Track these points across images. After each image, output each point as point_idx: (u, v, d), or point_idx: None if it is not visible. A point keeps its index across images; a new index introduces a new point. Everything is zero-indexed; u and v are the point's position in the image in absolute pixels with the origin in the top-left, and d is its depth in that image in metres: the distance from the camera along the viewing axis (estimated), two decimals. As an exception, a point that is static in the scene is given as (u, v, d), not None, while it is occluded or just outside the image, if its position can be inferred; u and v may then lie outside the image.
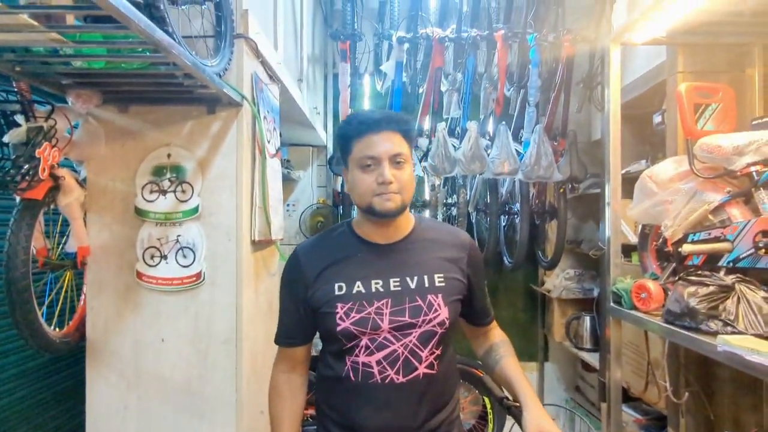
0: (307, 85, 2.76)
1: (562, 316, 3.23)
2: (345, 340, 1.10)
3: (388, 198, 1.08)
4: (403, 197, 1.11)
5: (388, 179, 1.07)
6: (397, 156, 1.09)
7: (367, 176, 1.09)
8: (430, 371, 1.12)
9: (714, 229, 1.53)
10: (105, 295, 1.51)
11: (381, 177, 1.07)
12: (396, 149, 1.09)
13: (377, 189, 1.08)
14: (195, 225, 1.49)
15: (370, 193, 1.09)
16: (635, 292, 1.69)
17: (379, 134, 1.09)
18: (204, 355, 1.50)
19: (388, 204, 1.09)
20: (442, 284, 1.14)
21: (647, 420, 2.24)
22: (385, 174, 1.07)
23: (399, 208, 1.11)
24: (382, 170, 1.08)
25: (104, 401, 1.50)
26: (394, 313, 1.10)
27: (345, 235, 1.19)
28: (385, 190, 1.08)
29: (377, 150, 1.08)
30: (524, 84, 2.59)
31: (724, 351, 1.20)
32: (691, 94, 1.63)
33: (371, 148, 1.09)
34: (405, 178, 1.11)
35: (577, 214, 3.41)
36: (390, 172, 1.08)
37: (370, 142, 1.09)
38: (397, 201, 1.09)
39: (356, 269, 1.13)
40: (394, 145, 1.09)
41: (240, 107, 1.50)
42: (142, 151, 1.51)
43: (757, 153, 1.44)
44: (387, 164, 1.08)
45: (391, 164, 1.09)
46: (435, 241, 1.20)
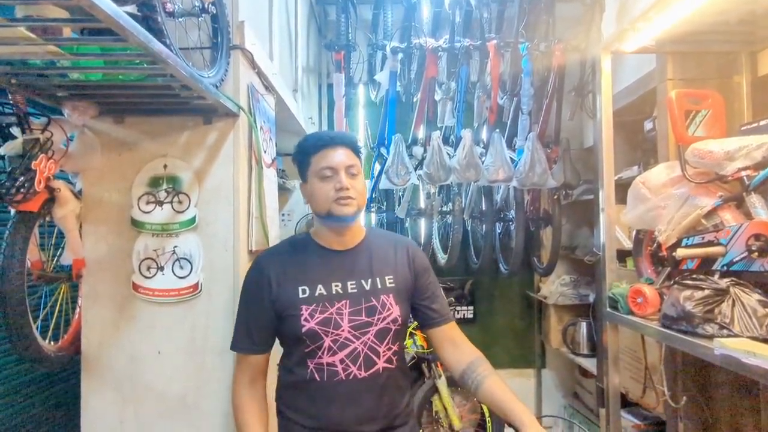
0: (302, 95, 2.77)
1: (558, 322, 3.24)
2: (309, 341, 1.19)
3: (346, 203, 1.21)
4: (358, 203, 1.24)
5: (346, 185, 1.21)
6: (351, 167, 1.24)
7: (325, 185, 1.22)
8: (389, 365, 1.24)
9: (707, 233, 1.55)
10: (100, 307, 1.49)
11: (339, 184, 1.21)
12: (350, 161, 1.24)
13: (335, 195, 1.21)
14: (192, 236, 1.49)
15: (329, 199, 1.21)
16: (631, 297, 1.70)
17: (334, 148, 1.24)
18: (200, 367, 1.48)
19: (346, 209, 1.21)
20: (393, 285, 1.27)
21: (646, 425, 2.25)
22: (342, 181, 1.21)
23: (355, 213, 1.24)
24: (340, 178, 1.21)
25: (100, 415, 1.48)
26: (352, 312, 1.21)
27: (304, 243, 1.31)
28: (343, 195, 1.21)
29: (334, 161, 1.22)
30: (517, 92, 2.61)
31: (721, 354, 1.21)
32: (681, 101, 1.65)
33: (328, 160, 1.22)
34: (359, 186, 1.25)
35: (571, 220, 3.43)
36: (346, 180, 1.21)
37: (326, 155, 1.23)
38: (353, 206, 1.22)
39: (317, 273, 1.24)
40: (347, 157, 1.24)
41: (236, 117, 1.51)
42: (138, 162, 1.51)
43: (748, 158, 1.47)
44: (343, 173, 1.22)
45: (346, 174, 1.22)
46: (384, 247, 1.33)
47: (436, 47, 2.57)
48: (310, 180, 1.26)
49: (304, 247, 1.30)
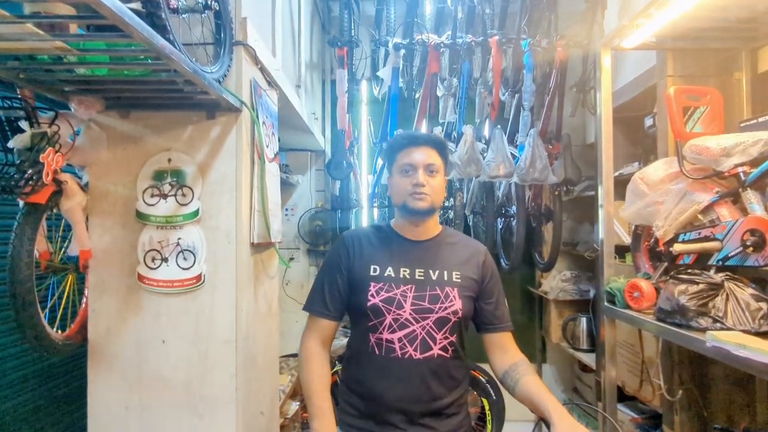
0: (305, 91, 2.79)
1: (558, 317, 3.26)
2: (372, 316, 1.29)
3: (420, 198, 1.31)
4: (433, 199, 1.33)
5: (421, 182, 1.31)
6: (431, 165, 1.33)
7: (404, 179, 1.34)
8: (444, 354, 1.30)
9: (704, 228, 1.57)
10: (107, 297, 1.53)
11: (415, 180, 1.31)
12: (430, 160, 1.33)
13: (411, 190, 1.32)
14: (195, 228, 1.52)
15: (405, 193, 1.33)
16: (628, 291, 1.72)
17: (418, 148, 1.34)
18: (204, 355, 1.52)
19: (419, 203, 1.32)
20: (459, 280, 1.34)
21: (643, 419, 2.26)
22: (419, 178, 1.31)
23: (429, 208, 1.33)
24: (417, 175, 1.32)
25: (106, 402, 1.52)
26: (416, 297, 1.29)
27: (384, 230, 1.43)
28: (418, 191, 1.31)
29: (414, 159, 1.33)
30: (519, 88, 2.63)
31: (713, 346, 1.23)
32: (680, 97, 1.67)
33: (410, 157, 1.34)
34: (435, 184, 1.34)
35: (572, 216, 3.44)
36: (423, 178, 1.31)
37: (409, 152, 1.34)
38: (427, 201, 1.32)
39: (389, 257, 1.35)
40: (428, 156, 1.33)
41: (239, 112, 1.53)
42: (143, 155, 1.54)
43: (744, 154, 1.48)
44: (421, 171, 1.32)
45: (425, 172, 1.32)
46: (456, 245, 1.41)
47: (438, 43, 2.59)
48: (394, 174, 1.37)
49: (383, 232, 1.42)
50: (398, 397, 1.27)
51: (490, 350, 1.38)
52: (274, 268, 1.96)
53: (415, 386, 1.27)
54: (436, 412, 1.29)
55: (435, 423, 1.29)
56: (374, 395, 1.29)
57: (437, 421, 1.29)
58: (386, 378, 1.28)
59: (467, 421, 1.37)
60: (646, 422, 2.23)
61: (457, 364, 1.34)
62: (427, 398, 1.27)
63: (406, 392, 1.26)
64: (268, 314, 1.87)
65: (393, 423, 1.27)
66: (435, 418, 1.29)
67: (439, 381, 1.29)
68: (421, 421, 1.27)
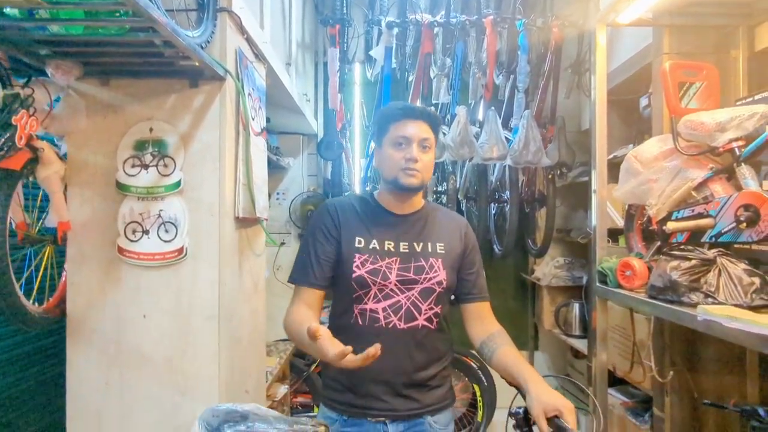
0: (296, 71, 2.74)
1: (551, 303, 3.25)
2: (357, 287, 1.27)
3: (411, 174, 1.27)
4: (423, 176, 1.30)
5: (415, 157, 1.27)
6: (425, 140, 1.29)
7: (397, 153, 1.29)
8: (429, 324, 1.29)
9: (697, 205, 1.54)
10: (86, 270, 1.49)
11: (409, 154, 1.27)
12: (425, 134, 1.29)
13: (404, 164, 1.27)
14: (177, 200, 1.48)
15: (397, 167, 1.28)
16: (620, 270, 1.69)
17: (414, 121, 1.29)
18: (186, 331, 1.48)
19: (411, 180, 1.28)
20: (442, 252, 1.33)
21: (634, 403, 2.25)
22: (413, 152, 1.27)
23: (419, 185, 1.30)
24: (411, 150, 1.27)
25: (85, 377, 1.48)
26: (401, 269, 1.28)
27: (367, 201, 1.39)
28: (411, 167, 1.27)
29: (410, 132, 1.28)
30: (513, 69, 2.59)
31: (703, 320, 1.20)
32: (675, 72, 1.63)
33: (405, 129, 1.28)
34: (427, 160, 1.30)
35: (566, 203, 3.42)
36: (417, 153, 1.27)
37: (405, 125, 1.29)
38: (418, 178, 1.29)
39: (374, 229, 1.32)
40: (423, 131, 1.29)
41: (223, 81, 1.49)
42: (124, 124, 1.49)
43: (739, 128, 1.45)
44: (416, 146, 1.28)
45: (418, 146, 1.28)
46: (440, 219, 1.40)
47: (432, 22, 2.54)
48: (385, 146, 1.32)
49: (367, 205, 1.38)
50: (381, 368, 1.23)
51: (468, 320, 1.37)
52: (260, 245, 1.92)
53: (399, 357, 1.25)
54: (420, 383, 1.27)
55: (418, 395, 1.27)
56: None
57: (420, 392, 1.27)
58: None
59: (450, 394, 1.35)
60: (637, 406, 2.22)
61: (442, 336, 1.33)
62: (410, 369, 1.26)
63: (389, 363, 1.23)
64: (254, 292, 1.84)
65: (375, 395, 1.25)
66: (418, 389, 1.27)
67: (423, 352, 1.28)
68: (404, 392, 1.25)
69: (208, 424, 1.09)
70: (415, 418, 1.27)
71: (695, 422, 1.86)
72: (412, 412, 1.26)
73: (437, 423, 1.29)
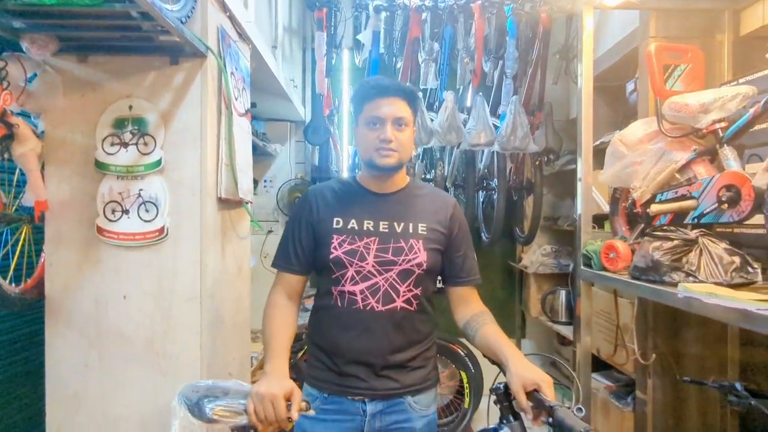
0: (283, 55, 2.71)
1: (538, 291, 3.26)
2: (335, 269, 1.25)
3: (386, 154, 1.24)
4: (400, 155, 1.26)
5: (388, 138, 1.23)
6: (400, 119, 1.25)
7: (371, 133, 1.25)
8: (408, 306, 1.27)
9: (680, 187, 1.55)
10: (64, 250, 1.46)
11: (383, 135, 1.23)
12: (399, 113, 1.25)
13: (378, 145, 1.24)
14: (158, 179, 1.45)
15: (372, 148, 1.25)
16: (604, 253, 1.70)
17: (387, 99, 1.25)
18: (167, 312, 1.46)
19: (386, 160, 1.25)
20: (424, 233, 1.29)
21: (617, 386, 2.27)
22: (386, 132, 1.23)
23: (395, 164, 1.27)
24: (385, 130, 1.23)
25: (64, 358, 1.46)
26: (379, 250, 1.25)
27: (348, 183, 1.38)
28: (385, 147, 1.24)
29: (382, 111, 1.24)
30: (501, 55, 2.57)
31: (684, 297, 1.21)
32: (660, 54, 1.63)
33: (377, 109, 1.24)
34: (403, 139, 1.26)
35: (554, 191, 3.43)
36: (391, 132, 1.23)
37: (378, 104, 1.25)
38: (395, 157, 1.25)
39: (352, 210, 1.30)
40: (397, 109, 1.25)
41: (204, 59, 1.46)
42: (102, 102, 1.46)
43: (723, 110, 1.45)
44: (389, 125, 1.24)
45: (393, 126, 1.24)
46: (424, 197, 1.36)
47: (420, 6, 2.52)
48: (360, 125, 1.30)
49: (348, 186, 1.36)
50: (360, 350, 1.24)
51: (453, 303, 1.36)
52: (245, 229, 1.90)
53: (377, 338, 1.24)
54: (399, 364, 1.26)
55: (397, 375, 1.26)
56: (337, 348, 1.27)
57: (400, 373, 1.26)
58: (348, 330, 1.25)
59: (433, 375, 1.34)
60: (621, 389, 2.24)
61: (423, 318, 1.31)
62: (389, 351, 1.25)
63: (368, 344, 1.24)
64: (238, 276, 1.82)
65: (355, 374, 1.24)
66: (397, 370, 1.26)
67: (402, 334, 1.26)
68: (383, 373, 1.25)
69: (188, 399, 1.08)
70: (395, 398, 1.26)
71: (677, 403, 1.88)
72: (391, 392, 1.25)
73: (418, 404, 1.29)
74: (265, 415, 1.04)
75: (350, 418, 1.25)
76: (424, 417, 1.29)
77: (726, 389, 1.09)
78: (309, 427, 1.26)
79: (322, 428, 1.25)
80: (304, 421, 1.27)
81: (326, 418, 1.26)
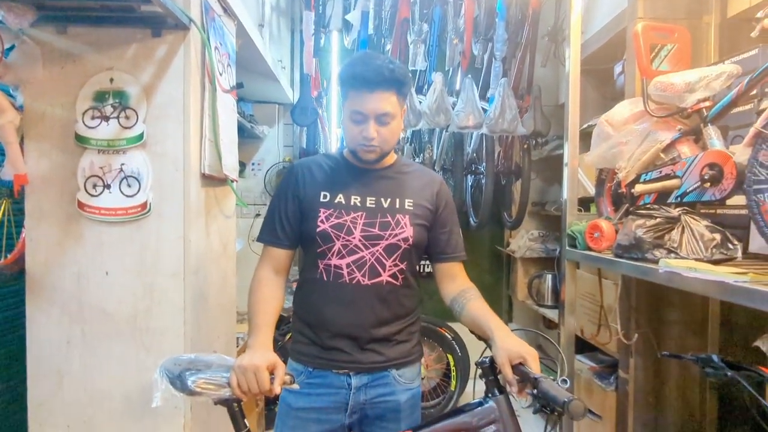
0: (270, 35, 2.67)
1: (525, 275, 3.29)
2: (321, 242, 1.25)
3: (369, 150, 1.24)
4: (383, 149, 1.26)
5: (370, 137, 1.21)
6: (384, 116, 1.21)
7: (354, 127, 1.23)
8: (393, 281, 1.27)
9: (665, 167, 1.56)
10: (45, 225, 1.44)
11: (365, 132, 1.21)
12: (383, 109, 1.20)
13: (361, 141, 1.22)
14: (140, 153, 1.43)
15: (354, 141, 1.25)
16: (589, 233, 1.71)
17: (372, 93, 1.19)
18: (150, 288, 1.45)
19: (368, 155, 1.25)
20: (411, 208, 1.30)
21: (601, 367, 2.31)
22: (368, 132, 1.21)
23: (378, 158, 1.27)
24: (367, 127, 1.21)
25: (46, 336, 1.45)
26: (366, 224, 1.25)
27: (335, 158, 1.36)
28: (366, 144, 1.22)
29: (366, 108, 1.20)
30: (490, 37, 2.56)
31: (665, 272, 1.22)
32: (647, 34, 1.63)
33: (361, 104, 1.20)
34: (387, 133, 1.23)
35: (542, 176, 3.45)
36: (373, 129, 1.21)
37: (361, 98, 1.20)
38: (377, 153, 1.25)
39: (340, 184, 1.29)
40: (382, 104, 1.20)
41: (187, 31, 1.43)
42: (83, 75, 1.43)
43: (708, 88, 1.46)
44: (372, 122, 1.21)
45: (376, 122, 1.21)
46: (411, 174, 1.35)
47: (409, -14, 2.49)
48: (345, 112, 1.27)
49: (336, 160, 1.35)
50: (345, 323, 1.25)
51: (440, 279, 1.37)
52: (230, 207, 1.89)
53: (362, 312, 1.25)
54: (384, 338, 1.27)
55: (382, 349, 1.27)
56: (322, 321, 1.27)
57: (385, 347, 1.27)
58: (333, 304, 1.26)
59: (418, 349, 1.35)
60: (604, 370, 2.28)
61: (408, 292, 1.32)
62: (374, 324, 1.26)
63: (352, 318, 1.25)
64: (223, 254, 1.81)
65: (340, 348, 1.25)
66: (382, 344, 1.27)
67: (388, 308, 1.27)
68: (368, 347, 1.25)
69: (169, 372, 1.08)
70: (380, 371, 1.27)
71: (657, 382, 1.92)
72: (375, 365, 1.26)
73: (402, 377, 1.30)
74: (248, 387, 1.05)
75: (335, 391, 1.26)
76: (408, 390, 1.30)
77: (703, 361, 1.11)
78: (294, 401, 1.27)
79: (306, 402, 1.26)
80: (288, 396, 1.28)
81: (311, 392, 1.26)
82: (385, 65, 1.18)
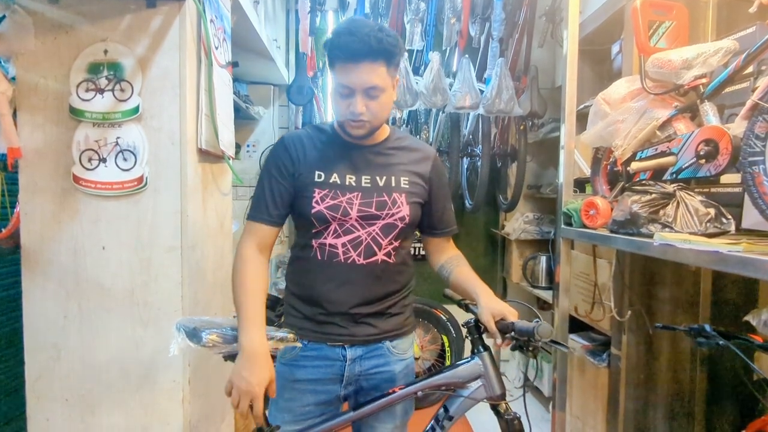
0: (266, 14, 2.64)
1: (519, 257, 3.31)
2: (317, 223, 1.22)
3: (357, 125, 1.19)
4: (372, 124, 1.21)
5: (358, 112, 1.15)
6: (372, 89, 1.15)
7: (342, 101, 1.18)
8: (388, 259, 1.27)
9: (660, 144, 1.56)
10: (40, 200, 1.43)
11: (353, 107, 1.15)
12: (372, 82, 1.14)
13: (348, 116, 1.18)
14: (135, 126, 1.42)
15: (342, 116, 1.20)
16: (584, 210, 1.73)
17: (357, 65, 1.12)
18: (147, 263, 1.45)
19: (357, 131, 1.21)
20: (407, 186, 1.28)
21: (594, 346, 2.34)
22: (356, 106, 1.15)
23: (367, 133, 1.23)
24: (354, 102, 1.15)
25: (42, 311, 1.44)
26: (362, 204, 1.22)
27: (328, 132, 1.30)
28: (354, 118, 1.17)
29: (352, 81, 1.14)
30: (488, 17, 2.54)
31: (660, 244, 1.24)
32: (646, 11, 1.63)
33: (348, 77, 1.14)
34: (376, 107, 1.17)
35: (538, 159, 3.45)
36: (361, 104, 1.15)
37: (348, 71, 1.13)
38: (366, 128, 1.20)
39: (334, 163, 1.25)
40: (370, 77, 1.13)
41: (183, 2, 1.41)
42: (76, 46, 1.41)
43: (705, 65, 1.46)
44: (359, 96, 1.15)
45: (364, 96, 1.15)
46: (405, 149, 1.32)
47: (406, -37, 2.46)
48: (332, 85, 1.21)
49: (328, 135, 1.29)
50: (340, 301, 1.25)
51: (429, 251, 1.41)
52: (227, 184, 1.88)
53: (357, 291, 1.25)
54: (378, 312, 1.28)
55: (377, 322, 1.28)
56: (316, 300, 1.26)
57: (379, 320, 1.28)
58: (328, 282, 1.25)
59: (411, 320, 1.37)
60: (597, 348, 2.30)
61: (402, 269, 1.32)
62: (368, 301, 1.26)
63: (347, 297, 1.24)
64: (220, 231, 1.80)
65: (335, 322, 1.26)
66: (376, 317, 1.28)
67: (382, 285, 1.27)
68: (362, 320, 1.27)
69: (186, 327, 1.12)
70: (374, 342, 1.28)
71: (649, 358, 1.95)
72: (370, 338, 1.27)
73: (396, 348, 1.31)
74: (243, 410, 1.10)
75: (330, 363, 1.27)
76: (402, 360, 1.32)
77: (695, 331, 1.13)
78: (290, 373, 1.28)
79: (302, 374, 1.27)
80: (284, 368, 1.29)
81: (306, 365, 1.28)
82: (372, 34, 1.10)
